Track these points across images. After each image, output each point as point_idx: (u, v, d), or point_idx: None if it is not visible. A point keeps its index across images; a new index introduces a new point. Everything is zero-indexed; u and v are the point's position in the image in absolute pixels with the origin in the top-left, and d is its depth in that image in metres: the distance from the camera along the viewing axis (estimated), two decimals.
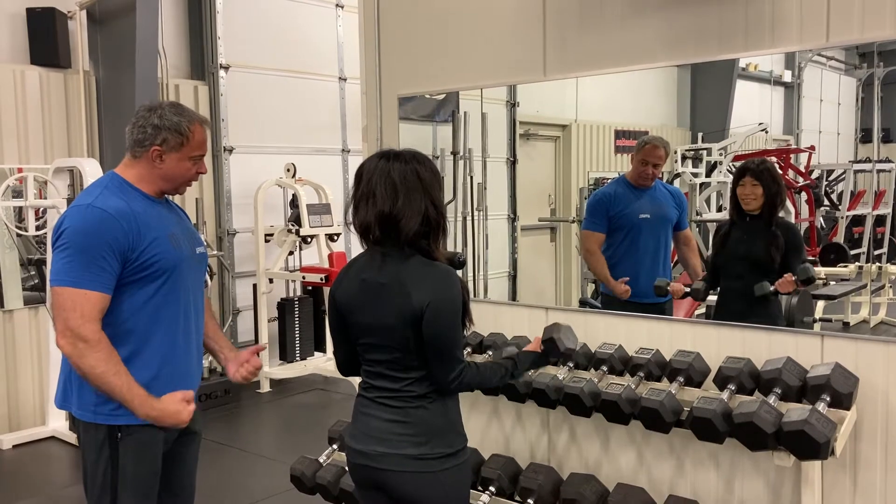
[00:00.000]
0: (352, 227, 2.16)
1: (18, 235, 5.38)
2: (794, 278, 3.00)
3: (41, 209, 5.42)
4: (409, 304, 2.04)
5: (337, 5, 7.44)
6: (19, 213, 5.38)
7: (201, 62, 6.66)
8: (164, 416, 2.22)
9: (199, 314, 2.48)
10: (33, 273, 5.57)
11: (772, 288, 3.02)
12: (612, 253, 3.65)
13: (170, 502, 2.51)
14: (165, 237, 2.29)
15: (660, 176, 3.67)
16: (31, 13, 5.62)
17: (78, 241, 2.15)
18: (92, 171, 4.92)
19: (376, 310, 2.10)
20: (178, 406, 2.24)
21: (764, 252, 3.16)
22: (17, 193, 5.34)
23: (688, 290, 3.44)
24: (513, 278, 5.31)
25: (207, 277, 6.15)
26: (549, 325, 2.49)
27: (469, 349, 3.14)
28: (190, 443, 2.55)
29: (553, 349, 2.44)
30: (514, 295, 5.29)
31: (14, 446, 5.26)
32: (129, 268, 2.21)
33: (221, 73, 6.61)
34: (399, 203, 2.05)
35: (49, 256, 4.96)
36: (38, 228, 5.39)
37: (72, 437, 5.15)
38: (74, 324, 2.12)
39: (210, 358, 6.34)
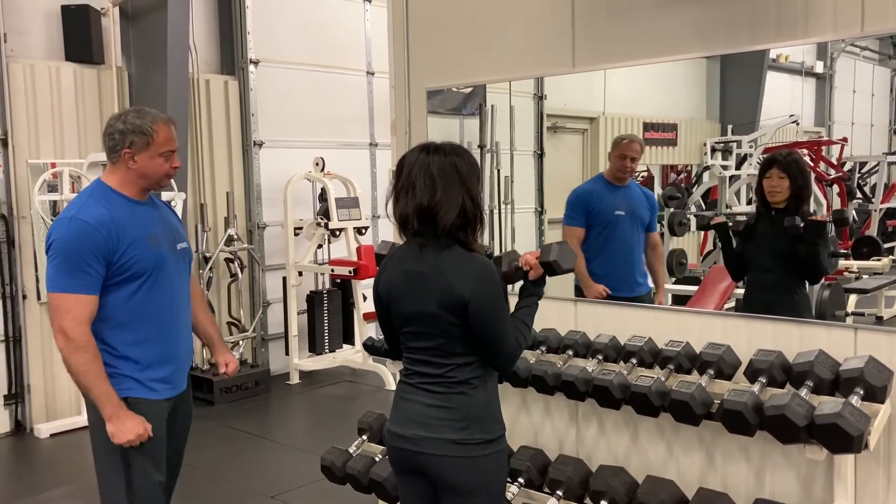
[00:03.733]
0: (391, 218, 2.21)
1: None
2: (827, 218, 3.00)
3: None
4: (451, 292, 2.08)
5: (365, 0, 7.47)
6: (54, 207, 5.48)
7: (231, 57, 6.72)
8: (124, 429, 2.43)
9: (183, 305, 2.70)
10: None
11: (802, 224, 3.02)
12: (589, 246, 3.77)
13: (169, 469, 2.71)
14: (144, 239, 2.51)
15: (635, 173, 3.89)
16: (66, 10, 5.71)
17: (64, 250, 2.40)
18: None
19: (418, 298, 2.14)
20: (138, 429, 2.45)
21: (790, 245, 3.13)
22: (53, 188, 5.44)
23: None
24: None
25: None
26: (545, 247, 2.36)
27: None
28: (180, 419, 2.74)
29: (553, 271, 2.35)
30: None
31: (51, 435, 5.38)
32: (112, 270, 2.45)
33: (251, 67, 6.66)
34: (437, 195, 2.09)
35: None
36: None
37: None
38: (68, 326, 2.39)
39: (241, 350, 6.44)
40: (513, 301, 2.31)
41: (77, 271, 2.39)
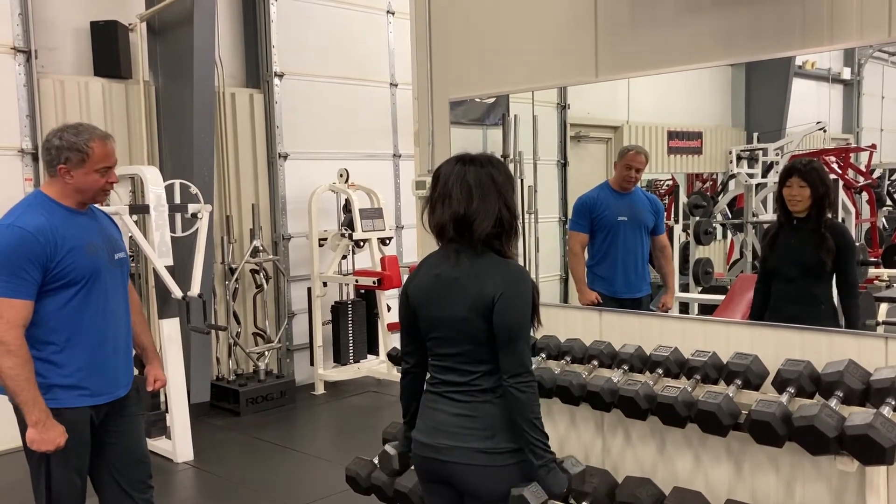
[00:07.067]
0: (426, 227, 2.22)
1: None
2: None
3: None
4: (482, 294, 2.09)
5: (388, 12, 7.51)
6: None
7: (256, 71, 6.80)
8: (45, 437, 2.51)
9: (119, 312, 2.77)
10: None
11: None
12: (594, 252, 3.93)
13: (130, 469, 2.86)
14: (82, 247, 2.60)
15: (640, 181, 4.02)
16: (95, 27, 5.81)
17: (1, 257, 2.47)
18: (153, 178, 5.04)
19: (449, 302, 2.15)
20: (57, 439, 2.52)
21: (813, 255, 3.08)
22: None
23: None
24: (564, 281, 5.28)
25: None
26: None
27: None
28: (129, 420, 2.85)
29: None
30: (566, 297, 5.27)
31: None
32: (49, 276, 2.52)
33: (276, 80, 6.73)
34: (473, 205, 2.11)
35: None
36: None
37: None
38: (1, 329, 2.44)
39: (267, 360, 6.47)
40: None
41: (14, 277, 2.46)
